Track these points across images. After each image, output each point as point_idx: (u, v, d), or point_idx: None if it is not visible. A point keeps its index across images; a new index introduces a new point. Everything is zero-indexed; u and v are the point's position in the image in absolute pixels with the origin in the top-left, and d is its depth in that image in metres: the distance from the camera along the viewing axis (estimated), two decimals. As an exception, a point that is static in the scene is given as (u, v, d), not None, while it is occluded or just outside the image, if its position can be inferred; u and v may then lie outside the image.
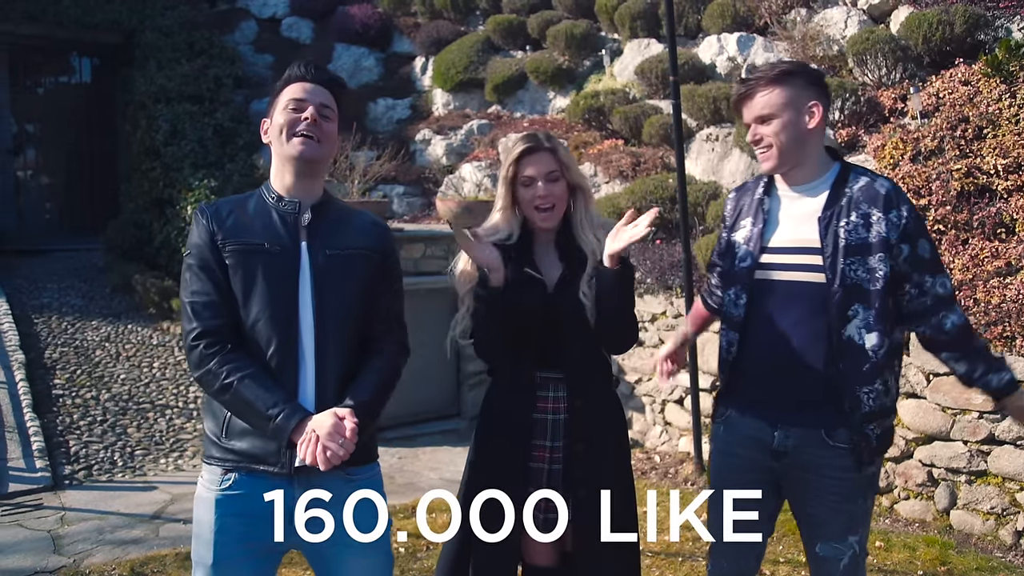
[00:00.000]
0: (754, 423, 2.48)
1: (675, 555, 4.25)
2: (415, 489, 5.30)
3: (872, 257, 2.32)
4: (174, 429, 6.16)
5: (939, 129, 5.67)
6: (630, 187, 6.98)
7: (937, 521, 4.65)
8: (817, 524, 2.46)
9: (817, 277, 2.37)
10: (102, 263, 9.47)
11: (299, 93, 2.21)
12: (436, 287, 6.52)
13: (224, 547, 2.11)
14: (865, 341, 2.33)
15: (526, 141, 2.52)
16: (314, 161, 2.20)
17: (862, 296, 2.33)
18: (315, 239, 2.18)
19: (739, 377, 2.53)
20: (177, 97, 9.50)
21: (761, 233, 2.46)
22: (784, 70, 2.44)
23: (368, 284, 2.22)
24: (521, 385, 2.51)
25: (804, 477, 2.43)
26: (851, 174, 2.43)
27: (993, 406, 2.38)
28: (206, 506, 2.14)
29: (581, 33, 9.25)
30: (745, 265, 2.47)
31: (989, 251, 4.88)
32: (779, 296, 2.42)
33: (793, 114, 2.39)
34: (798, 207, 2.45)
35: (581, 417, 2.51)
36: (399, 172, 8.97)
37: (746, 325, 2.48)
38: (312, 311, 2.13)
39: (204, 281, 2.12)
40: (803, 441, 2.40)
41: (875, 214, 2.34)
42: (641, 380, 6.25)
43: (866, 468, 2.41)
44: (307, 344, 2.12)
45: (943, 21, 6.45)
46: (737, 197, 2.64)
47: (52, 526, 4.60)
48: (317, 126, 2.18)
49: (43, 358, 6.95)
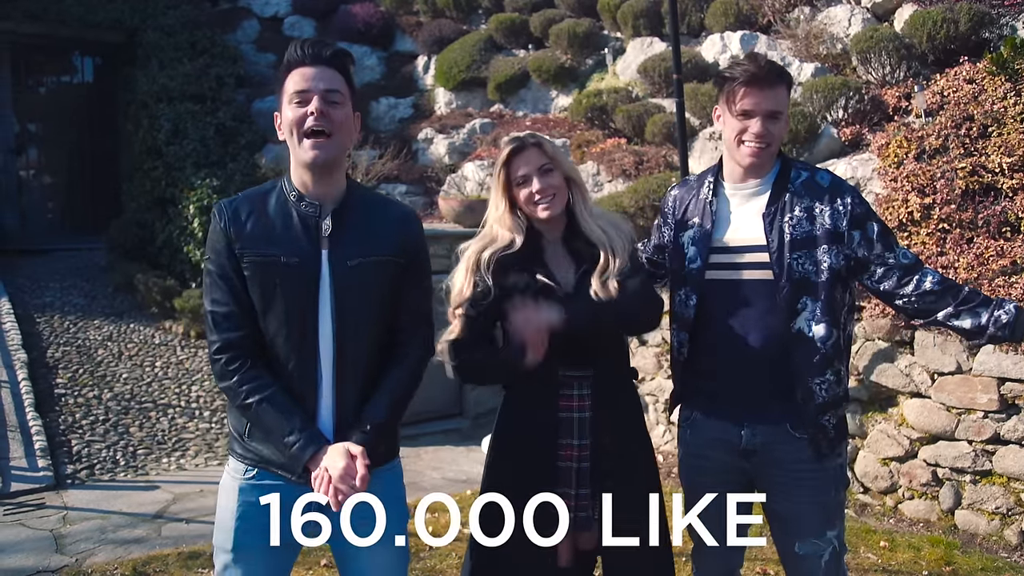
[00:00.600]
0: (719, 424, 2.48)
1: (677, 555, 4.23)
2: (417, 489, 5.29)
3: (818, 250, 2.35)
4: (176, 428, 6.16)
5: (944, 127, 5.65)
6: (633, 186, 6.96)
7: (942, 521, 4.63)
8: (793, 521, 2.45)
9: (765, 274, 2.38)
10: (104, 262, 9.47)
11: (301, 83, 2.07)
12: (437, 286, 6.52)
13: (245, 534, 2.11)
14: (814, 333, 2.35)
15: (511, 143, 2.48)
16: (329, 163, 2.10)
17: (809, 289, 2.35)
18: (336, 247, 2.09)
19: (693, 377, 2.53)
20: (179, 96, 9.49)
21: (710, 233, 2.45)
22: (783, 71, 2.44)
23: (393, 288, 2.17)
24: (544, 384, 2.47)
25: (774, 473, 2.43)
26: (792, 170, 2.44)
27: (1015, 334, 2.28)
28: (229, 493, 2.15)
29: (584, 32, 9.23)
30: (695, 266, 2.46)
31: (994, 250, 4.86)
32: (730, 295, 2.42)
33: (786, 119, 2.44)
34: (745, 206, 2.45)
35: (607, 413, 2.48)
36: (401, 171, 8.95)
37: (696, 325, 2.47)
38: (332, 329, 2.08)
39: (224, 291, 2.07)
40: (770, 437, 2.41)
41: (818, 206, 2.37)
42: (644, 379, 6.23)
43: (829, 460, 2.42)
44: (325, 364, 2.09)
45: (947, 19, 6.43)
46: (681, 195, 2.60)
47: (54, 525, 4.59)
48: (326, 118, 2.05)
49: (45, 357, 6.95)
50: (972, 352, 4.50)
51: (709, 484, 2.52)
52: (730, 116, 2.41)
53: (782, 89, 2.39)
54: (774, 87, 2.37)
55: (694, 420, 2.56)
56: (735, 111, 2.39)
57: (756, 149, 2.37)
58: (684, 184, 2.64)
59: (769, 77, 2.36)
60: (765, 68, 2.37)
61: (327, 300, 2.08)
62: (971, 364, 4.50)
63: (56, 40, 10.92)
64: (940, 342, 4.59)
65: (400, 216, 2.24)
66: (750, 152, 2.38)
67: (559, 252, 2.52)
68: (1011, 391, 4.36)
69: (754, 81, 2.35)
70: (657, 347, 6.05)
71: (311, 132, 2.05)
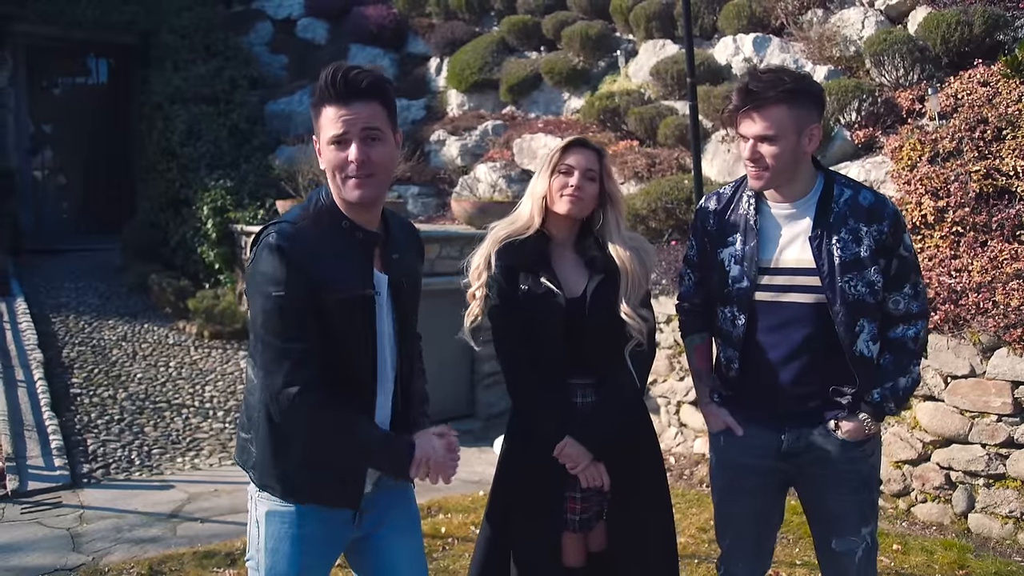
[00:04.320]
0: (759, 430, 2.49)
1: (691, 557, 4.25)
2: (430, 489, 5.28)
3: (868, 270, 2.35)
4: (190, 428, 6.20)
5: (957, 130, 5.63)
6: (645, 188, 6.97)
7: (955, 524, 4.62)
8: (835, 519, 2.48)
9: (814, 298, 2.37)
10: (119, 263, 9.54)
11: (337, 125, 2.00)
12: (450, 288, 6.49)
13: (307, 557, 2.19)
14: (873, 352, 2.39)
15: (576, 139, 2.59)
16: (375, 200, 2.11)
17: (866, 310, 2.36)
18: (391, 271, 2.17)
19: (742, 395, 2.54)
20: (193, 98, 9.57)
21: (756, 252, 2.42)
22: (792, 88, 2.30)
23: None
24: (553, 388, 2.53)
25: (817, 473, 2.46)
26: (835, 187, 2.41)
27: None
28: (276, 523, 2.17)
29: (596, 34, 9.24)
30: (743, 286, 2.44)
31: (1008, 253, 4.85)
32: (780, 317, 2.42)
33: (795, 137, 2.31)
34: (789, 225, 2.43)
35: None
36: (414, 173, 8.99)
37: (746, 344, 2.47)
38: (392, 349, 2.19)
39: (300, 326, 2.01)
40: (813, 438, 2.43)
41: (863, 228, 2.35)
42: (656, 381, 6.23)
43: (869, 459, 2.46)
44: (384, 381, 2.18)
45: (962, 21, 6.41)
46: (719, 210, 2.54)
47: (71, 524, 4.63)
48: (367, 163, 2.01)
49: (61, 357, 7.00)
50: (986, 356, 4.49)
51: (744, 489, 2.55)
52: (740, 139, 2.42)
53: (777, 108, 2.28)
54: (763, 109, 2.28)
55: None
56: (738, 134, 2.41)
57: (753, 172, 2.38)
58: (715, 195, 2.60)
59: (756, 99, 2.29)
60: (745, 93, 2.32)
61: (388, 322, 2.17)
62: (985, 368, 4.48)
63: (71, 42, 11.01)
64: (954, 345, 4.58)
65: (414, 231, 2.38)
66: (751, 175, 2.39)
67: (566, 256, 2.57)
68: (1025, 395, 4.35)
69: (742, 107, 2.33)
70: (669, 349, 6.06)
71: (353, 176, 2.03)
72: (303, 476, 2.12)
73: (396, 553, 2.27)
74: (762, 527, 2.61)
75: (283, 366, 2.01)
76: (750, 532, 2.61)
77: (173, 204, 9.12)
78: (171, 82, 9.73)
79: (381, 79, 2.07)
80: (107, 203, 11.54)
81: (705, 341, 2.68)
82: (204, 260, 8.45)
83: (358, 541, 2.26)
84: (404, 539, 2.29)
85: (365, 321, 2.10)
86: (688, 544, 4.40)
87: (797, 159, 2.35)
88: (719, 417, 2.55)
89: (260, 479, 2.15)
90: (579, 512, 2.53)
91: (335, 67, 2.02)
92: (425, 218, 8.77)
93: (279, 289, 1.99)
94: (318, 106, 2.05)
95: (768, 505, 2.58)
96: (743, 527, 2.61)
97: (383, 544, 2.26)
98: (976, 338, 4.51)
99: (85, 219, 11.79)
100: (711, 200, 2.60)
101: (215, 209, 8.20)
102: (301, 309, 2.01)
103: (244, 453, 2.20)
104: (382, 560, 2.27)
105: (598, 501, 2.54)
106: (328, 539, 2.20)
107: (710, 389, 2.64)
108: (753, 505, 2.57)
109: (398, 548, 2.27)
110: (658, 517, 2.58)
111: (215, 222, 8.17)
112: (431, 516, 4.78)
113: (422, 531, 2.40)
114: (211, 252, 8.30)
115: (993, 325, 4.44)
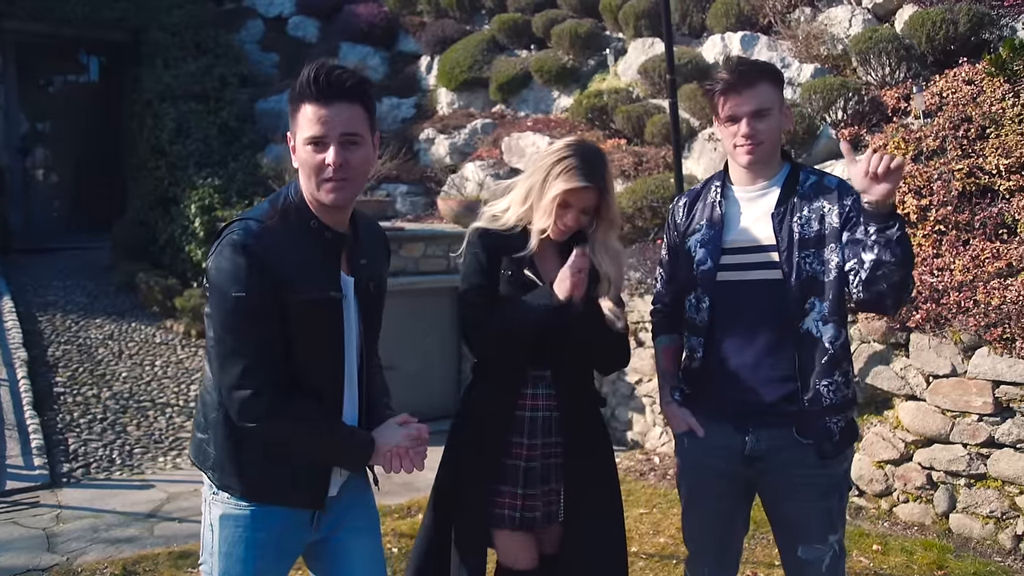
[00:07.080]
0: (722, 430, 2.47)
1: (670, 557, 4.23)
2: (411, 489, 5.28)
3: (826, 248, 2.35)
4: (174, 427, 6.18)
5: (941, 129, 5.61)
6: (631, 187, 6.95)
7: (936, 524, 4.60)
8: (797, 526, 2.45)
9: (775, 274, 2.38)
10: (108, 261, 9.52)
11: (316, 127, 1.97)
12: (436, 286, 6.51)
13: (262, 562, 2.17)
14: (822, 333, 2.36)
15: (584, 177, 2.37)
16: (348, 204, 2.09)
17: (817, 288, 2.35)
18: (357, 272, 2.16)
19: (706, 382, 2.51)
20: (183, 96, 9.53)
21: (720, 235, 2.46)
22: (771, 69, 2.46)
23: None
24: (510, 380, 2.48)
25: (779, 479, 2.43)
26: (801, 173, 2.46)
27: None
28: (231, 524, 2.14)
29: (585, 32, 9.21)
30: (706, 267, 2.46)
31: (990, 252, 4.83)
32: (741, 296, 2.43)
33: (778, 113, 2.42)
34: (753, 207, 2.46)
35: (567, 416, 2.49)
36: (402, 171, 8.95)
37: (710, 328, 2.47)
38: (357, 349, 2.18)
39: (264, 327, 1.98)
40: (775, 442, 2.40)
41: (827, 206, 2.37)
42: (641, 380, 6.22)
43: (835, 465, 2.42)
44: (350, 380, 2.17)
45: (947, 20, 6.39)
46: (689, 203, 2.61)
47: (47, 524, 4.61)
48: (344, 167, 1.98)
49: (46, 356, 6.98)
50: (967, 355, 4.47)
51: (709, 493, 2.54)
52: (721, 126, 2.45)
53: (765, 86, 2.38)
54: (753, 86, 2.37)
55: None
56: (723, 119, 2.43)
57: (749, 148, 2.39)
58: (690, 192, 2.66)
59: (747, 78, 2.37)
60: (737, 72, 2.39)
61: (354, 322, 2.16)
62: (966, 367, 4.47)
63: (61, 39, 10.95)
64: (936, 344, 4.57)
65: (381, 233, 2.37)
66: (745, 152, 2.40)
67: (550, 253, 2.53)
68: (1005, 394, 4.33)
69: (730, 87, 2.38)
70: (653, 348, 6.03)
71: (329, 179, 1.99)
72: (265, 476, 2.10)
73: (354, 555, 2.25)
74: (725, 531, 2.59)
75: (239, 367, 1.98)
76: (714, 535, 2.59)
77: (162, 202, 9.09)
78: (161, 79, 9.69)
79: (364, 80, 2.04)
80: (98, 201, 11.50)
81: (674, 343, 2.69)
82: (192, 259, 8.42)
83: (316, 544, 2.24)
84: (362, 540, 2.27)
85: (331, 323, 2.09)
86: (668, 545, 4.39)
87: (779, 135, 2.46)
88: (680, 418, 2.54)
89: (220, 479, 2.12)
90: (519, 508, 2.46)
91: (318, 65, 1.98)
92: (413, 217, 8.74)
93: (240, 289, 1.96)
94: (297, 103, 2.01)
95: (731, 510, 2.56)
96: (707, 530, 2.59)
97: (340, 546, 2.24)
98: (957, 337, 4.50)
99: (76, 217, 11.76)
100: (683, 197, 2.66)
101: (203, 207, 8.17)
102: (262, 310, 1.97)
103: (201, 454, 2.17)
104: (339, 562, 2.25)
105: (545, 500, 2.50)
106: (284, 542, 2.18)
107: (671, 387, 2.62)
108: (718, 508, 2.55)
109: (356, 550, 2.25)
110: (608, 519, 2.55)
111: (203, 220, 8.14)
112: (410, 516, 4.75)
113: (404, 532, 2.41)
114: (199, 251, 8.27)
115: (974, 324, 4.43)
